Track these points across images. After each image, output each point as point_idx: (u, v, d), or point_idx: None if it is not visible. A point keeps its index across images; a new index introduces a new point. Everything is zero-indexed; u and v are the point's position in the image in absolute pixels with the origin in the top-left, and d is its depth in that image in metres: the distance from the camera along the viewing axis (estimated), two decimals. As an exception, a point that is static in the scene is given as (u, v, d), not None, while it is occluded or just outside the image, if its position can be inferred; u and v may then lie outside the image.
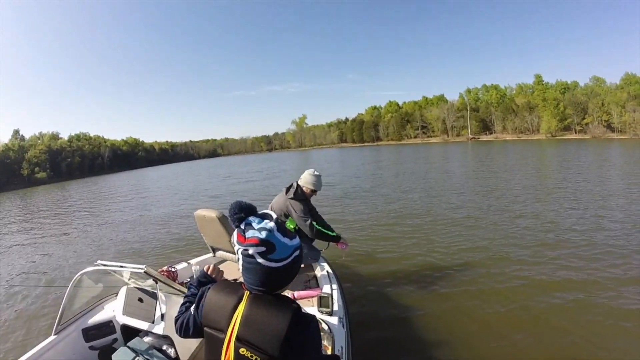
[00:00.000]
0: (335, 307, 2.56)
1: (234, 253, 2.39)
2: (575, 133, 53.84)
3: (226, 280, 1.37)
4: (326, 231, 3.47)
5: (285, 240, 1.11)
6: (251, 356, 1.04)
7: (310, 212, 3.48)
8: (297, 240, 1.16)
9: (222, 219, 3.13)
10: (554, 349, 3.16)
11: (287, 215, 3.36)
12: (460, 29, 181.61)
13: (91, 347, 2.54)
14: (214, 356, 1.12)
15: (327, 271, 3.30)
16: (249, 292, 1.14)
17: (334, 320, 2.43)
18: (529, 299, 4.08)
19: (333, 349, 2.15)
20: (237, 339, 1.07)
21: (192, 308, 1.28)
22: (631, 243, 5.62)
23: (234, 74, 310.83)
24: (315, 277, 3.33)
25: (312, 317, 1.12)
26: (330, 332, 2.27)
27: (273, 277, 1.10)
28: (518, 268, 4.94)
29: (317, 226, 3.39)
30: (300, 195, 3.42)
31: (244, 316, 1.08)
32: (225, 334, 1.10)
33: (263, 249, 1.07)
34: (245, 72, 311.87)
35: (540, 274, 4.70)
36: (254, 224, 1.10)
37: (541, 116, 58.02)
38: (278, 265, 1.09)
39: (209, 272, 1.46)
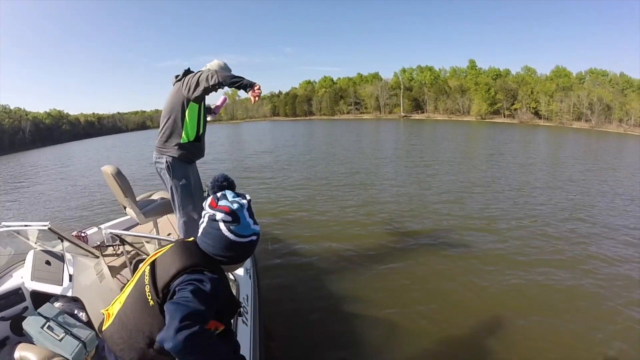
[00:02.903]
0: None
1: (130, 208, 3.11)
2: (504, 117, 54.87)
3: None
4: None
5: (250, 221, 1.19)
6: (146, 278, 1.13)
7: None
8: (258, 228, 1.22)
9: (116, 175, 3.03)
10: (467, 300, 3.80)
11: (182, 111, 2.89)
12: (399, 7, 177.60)
13: (1, 318, 2.31)
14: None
15: None
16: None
17: (239, 270, 2.61)
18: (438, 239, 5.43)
19: (238, 297, 2.30)
20: (153, 262, 1.16)
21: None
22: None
23: (168, 42, 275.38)
24: None
25: (202, 281, 1.06)
26: (236, 280, 2.45)
27: (226, 248, 1.15)
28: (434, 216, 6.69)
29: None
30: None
31: (170, 248, 1.18)
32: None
33: (230, 218, 1.14)
34: (180, 39, 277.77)
35: (458, 219, 6.46)
36: (229, 196, 1.19)
37: (472, 99, 58.37)
38: (235, 239, 1.15)
39: None
